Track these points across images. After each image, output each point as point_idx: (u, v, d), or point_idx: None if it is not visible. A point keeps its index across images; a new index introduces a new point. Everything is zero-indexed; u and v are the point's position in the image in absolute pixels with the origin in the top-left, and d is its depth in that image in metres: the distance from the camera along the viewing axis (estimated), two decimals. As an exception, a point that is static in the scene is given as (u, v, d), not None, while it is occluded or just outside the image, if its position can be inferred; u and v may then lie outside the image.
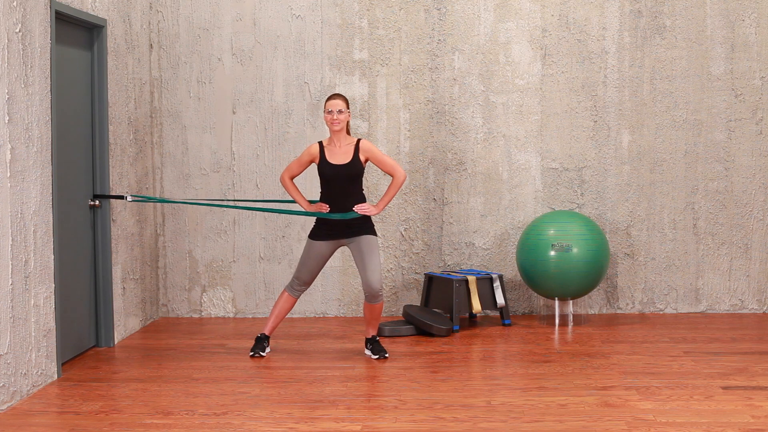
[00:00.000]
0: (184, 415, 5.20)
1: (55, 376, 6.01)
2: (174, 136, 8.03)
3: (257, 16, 7.96)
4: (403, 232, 7.98)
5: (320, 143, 6.44)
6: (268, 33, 7.96)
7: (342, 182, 6.35)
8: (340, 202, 6.37)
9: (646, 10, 7.81)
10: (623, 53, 7.84)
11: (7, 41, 5.44)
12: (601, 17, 7.83)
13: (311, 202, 6.62)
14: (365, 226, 6.40)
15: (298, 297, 6.66)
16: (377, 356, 6.45)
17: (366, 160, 6.40)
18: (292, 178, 6.54)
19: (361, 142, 6.40)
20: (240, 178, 7.99)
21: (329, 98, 6.37)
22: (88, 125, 6.82)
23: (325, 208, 6.38)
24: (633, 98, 7.85)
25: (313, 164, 6.54)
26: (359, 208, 6.35)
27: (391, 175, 6.45)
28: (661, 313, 7.92)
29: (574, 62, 7.86)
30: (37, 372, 5.77)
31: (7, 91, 5.43)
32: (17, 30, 5.56)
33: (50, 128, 5.98)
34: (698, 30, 7.79)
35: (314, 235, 6.47)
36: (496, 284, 7.50)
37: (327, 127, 7.91)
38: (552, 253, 7.28)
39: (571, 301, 7.58)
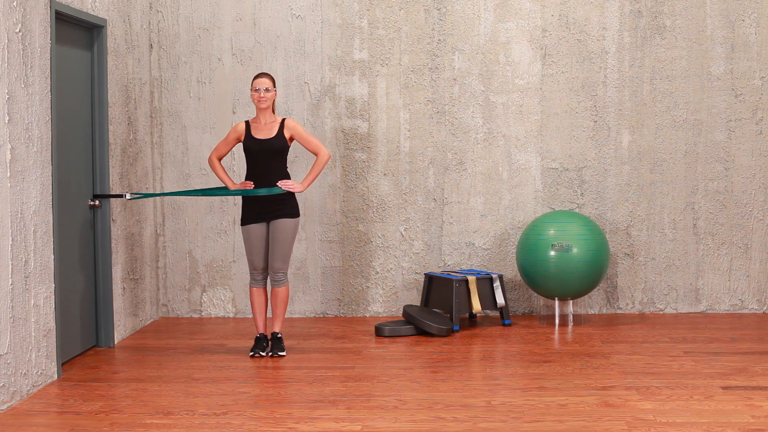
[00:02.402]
0: (184, 415, 5.20)
1: (55, 376, 6.01)
2: (174, 136, 8.03)
3: (257, 16, 7.96)
4: (403, 232, 7.98)
5: (246, 122, 6.63)
6: (268, 33, 7.96)
7: (266, 157, 6.51)
8: (265, 177, 6.53)
9: (646, 10, 7.81)
10: (623, 53, 7.84)
11: (7, 41, 5.44)
12: (601, 17, 7.83)
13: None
14: (289, 205, 6.55)
15: (265, 285, 6.72)
16: (272, 353, 6.56)
17: (291, 138, 6.58)
18: (219, 159, 6.73)
19: (286, 120, 6.60)
20: (240, 178, 7.99)
21: (256, 77, 6.55)
22: (88, 125, 6.82)
23: (249, 185, 6.55)
24: (633, 98, 7.85)
25: (240, 145, 6.71)
26: (283, 184, 6.51)
27: (315, 154, 6.64)
28: (661, 313, 7.92)
29: (574, 62, 7.86)
30: (37, 372, 5.77)
31: (7, 91, 5.43)
32: (17, 30, 5.56)
33: (50, 128, 5.98)
34: (698, 30, 7.79)
35: (244, 220, 6.63)
36: (496, 284, 7.50)
37: (328, 127, 7.91)
38: (552, 253, 7.28)
39: (571, 301, 7.58)
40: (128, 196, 6.80)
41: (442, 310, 7.50)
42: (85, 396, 5.63)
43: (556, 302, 7.53)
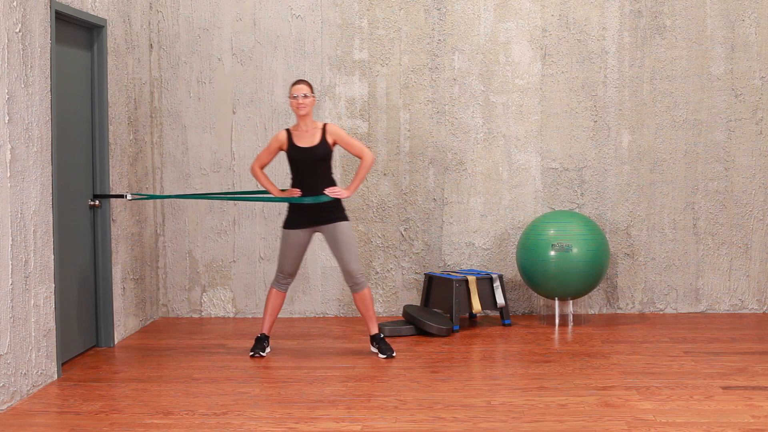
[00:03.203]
0: (184, 415, 5.20)
1: (55, 376, 6.01)
2: (174, 136, 8.04)
3: (257, 16, 7.96)
4: (403, 232, 7.98)
5: (287, 130, 6.54)
6: (268, 33, 7.96)
7: (311, 165, 6.43)
8: (311, 185, 6.45)
9: (646, 10, 7.81)
10: (623, 53, 7.84)
11: (7, 41, 5.44)
12: (601, 17, 7.83)
13: (283, 190, 6.67)
14: (337, 211, 6.47)
15: (286, 290, 6.68)
16: (385, 356, 6.45)
17: (333, 143, 6.50)
18: (262, 167, 6.65)
19: (327, 125, 6.51)
20: (240, 178, 7.99)
21: (294, 84, 6.47)
22: (88, 125, 6.83)
23: (296, 192, 6.47)
24: (633, 98, 7.85)
25: (282, 153, 6.61)
26: (330, 191, 6.43)
27: (360, 158, 6.55)
28: (661, 313, 7.92)
29: (574, 62, 7.86)
30: (37, 372, 5.77)
31: (7, 91, 5.43)
32: (17, 30, 5.56)
33: (50, 128, 5.98)
34: (698, 30, 7.79)
35: (288, 224, 6.53)
36: (496, 284, 7.50)
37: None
38: (552, 253, 7.28)
39: (571, 301, 7.58)
40: (129, 197, 6.79)
41: (442, 310, 7.50)
42: (85, 396, 5.63)
43: (556, 302, 7.53)
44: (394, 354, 6.46)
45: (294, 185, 6.51)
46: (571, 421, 4.98)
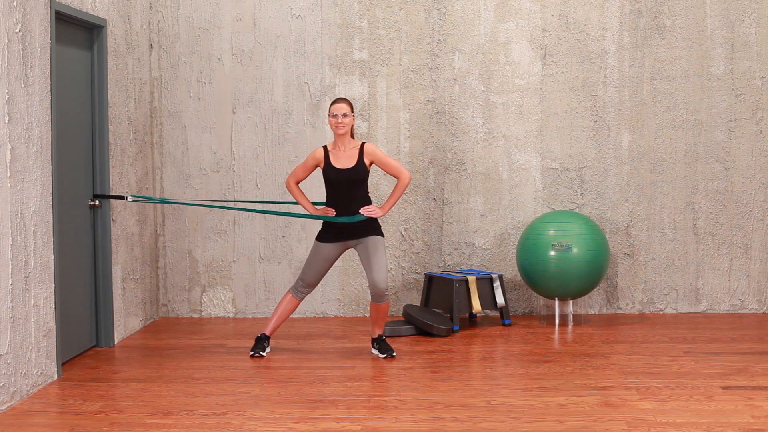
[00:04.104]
0: (184, 415, 5.20)
1: (55, 376, 6.01)
2: (174, 136, 8.03)
3: (257, 16, 7.96)
4: (403, 232, 7.98)
5: (325, 147, 6.45)
6: (268, 33, 7.96)
7: (347, 186, 6.36)
8: (346, 205, 6.39)
9: (646, 10, 7.81)
10: (623, 53, 7.84)
11: (7, 41, 5.44)
12: (601, 17, 7.83)
13: (315, 204, 6.62)
14: (371, 227, 6.42)
15: (302, 299, 6.67)
16: (384, 355, 6.45)
17: (371, 163, 6.42)
18: (297, 183, 6.55)
19: (365, 145, 6.41)
20: (240, 178, 7.99)
21: (334, 102, 6.38)
22: (88, 125, 6.83)
23: (331, 212, 6.41)
24: (633, 98, 7.85)
25: (318, 168, 6.54)
26: (365, 211, 6.37)
27: (396, 177, 6.48)
28: (661, 313, 7.92)
29: (574, 62, 7.86)
30: (37, 372, 5.77)
31: (7, 91, 5.43)
32: (17, 30, 5.56)
33: (50, 128, 5.98)
34: (698, 30, 7.79)
35: (322, 237, 6.48)
36: (496, 284, 7.50)
37: (329, 128, 7.91)
38: (552, 253, 7.28)
39: (571, 301, 7.58)
40: (129, 199, 6.79)
41: (442, 310, 7.50)
42: (85, 396, 5.63)
43: (556, 302, 7.53)
44: (394, 354, 6.46)
45: (329, 204, 6.44)
46: (571, 421, 4.98)
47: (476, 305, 7.39)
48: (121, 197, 6.82)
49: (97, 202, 6.84)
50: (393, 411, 5.21)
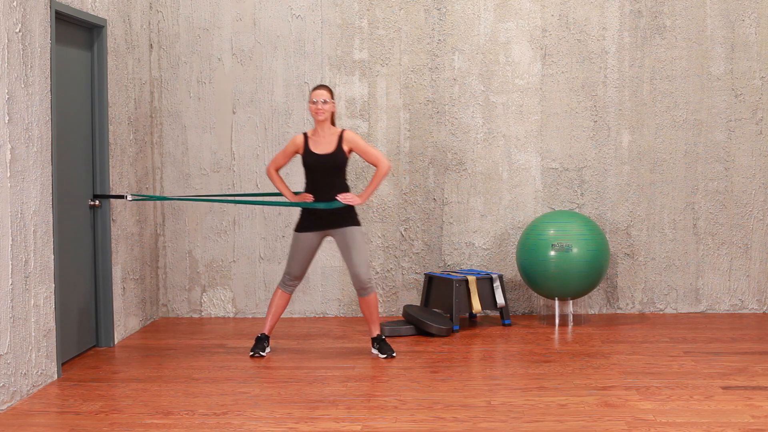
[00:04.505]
0: (184, 415, 5.20)
1: (55, 376, 6.01)
2: (174, 136, 8.03)
3: (257, 16, 7.96)
4: (403, 232, 7.98)
5: (305, 134, 6.53)
6: (268, 33, 7.96)
7: (325, 172, 6.42)
8: (324, 191, 6.44)
9: (646, 10, 7.81)
10: (623, 53, 7.84)
11: (7, 41, 5.44)
12: (601, 17, 7.83)
13: (296, 193, 6.66)
14: (349, 216, 6.46)
15: (292, 292, 6.68)
16: (385, 356, 6.45)
17: (350, 151, 6.48)
18: (277, 170, 6.63)
19: (345, 132, 6.48)
20: (240, 178, 7.99)
21: (314, 89, 6.46)
22: (88, 125, 6.82)
23: (309, 198, 6.46)
24: (633, 98, 7.85)
25: (298, 155, 6.61)
26: (343, 198, 6.42)
27: (375, 166, 6.53)
28: (661, 313, 7.92)
29: (574, 62, 7.86)
30: (37, 372, 5.77)
31: (7, 91, 5.43)
32: (17, 30, 5.56)
33: (50, 128, 5.98)
34: (698, 30, 7.79)
35: (300, 227, 6.53)
36: (496, 284, 7.50)
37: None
38: (552, 253, 7.28)
39: (571, 301, 7.58)
40: (129, 198, 6.79)
41: (442, 310, 7.50)
42: (85, 396, 5.63)
43: (556, 302, 7.53)
44: (394, 354, 6.46)
45: (307, 190, 6.49)
46: (571, 421, 4.98)
47: (476, 305, 7.39)
48: (121, 197, 6.82)
49: (97, 202, 6.84)
50: (393, 411, 5.21)
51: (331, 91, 6.47)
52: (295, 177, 7.61)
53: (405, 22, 7.90)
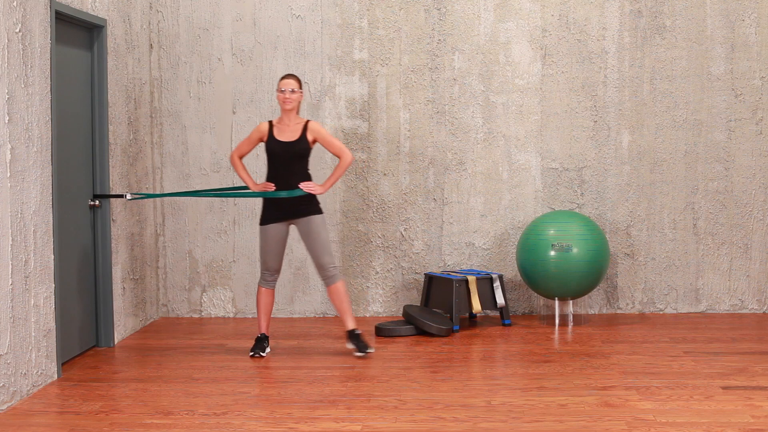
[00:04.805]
0: (184, 415, 5.20)
1: (55, 376, 6.01)
2: (174, 136, 8.04)
3: (257, 16, 7.96)
4: (403, 232, 7.98)
5: (270, 122, 6.59)
6: (268, 33, 7.96)
7: (288, 159, 6.47)
8: (286, 179, 6.50)
9: (646, 10, 7.81)
10: (623, 53, 7.84)
11: (7, 41, 5.44)
12: (601, 17, 7.83)
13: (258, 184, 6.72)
14: (311, 205, 6.52)
15: (274, 287, 6.69)
16: (362, 353, 6.47)
17: (314, 141, 6.54)
18: (241, 157, 6.69)
19: (310, 122, 6.54)
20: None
21: (282, 78, 6.51)
22: (88, 125, 6.83)
23: (270, 186, 6.51)
24: (633, 98, 7.85)
25: (262, 144, 6.68)
26: (305, 186, 6.47)
27: (338, 157, 6.58)
28: (661, 313, 7.92)
29: (574, 62, 7.86)
30: (37, 372, 5.77)
31: (7, 91, 5.43)
32: (17, 30, 5.56)
33: (50, 128, 5.98)
34: (698, 30, 7.79)
35: (264, 219, 6.58)
36: (496, 284, 7.50)
37: (328, 126, 7.91)
38: (552, 253, 7.28)
39: (571, 301, 7.58)
40: (129, 197, 6.79)
41: (442, 310, 7.50)
42: (85, 396, 5.63)
43: (556, 302, 7.53)
44: (371, 350, 6.47)
45: (269, 179, 6.55)
46: (571, 421, 4.98)
47: (476, 305, 7.39)
48: (121, 196, 6.82)
49: (97, 202, 6.84)
50: (393, 411, 5.21)
51: (299, 81, 6.52)
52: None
53: (405, 22, 7.90)
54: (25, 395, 5.61)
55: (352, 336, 6.55)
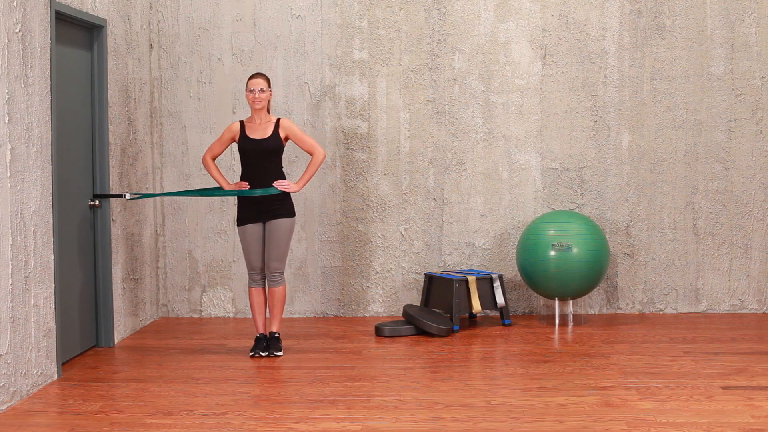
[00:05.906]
0: (184, 415, 5.20)
1: (55, 376, 6.01)
2: (174, 136, 8.04)
3: (257, 16, 7.96)
4: (403, 232, 7.98)
5: (241, 121, 6.62)
6: (268, 33, 7.96)
7: (261, 157, 6.50)
8: (259, 178, 6.53)
9: (646, 10, 7.81)
10: (623, 53, 7.84)
11: (7, 41, 5.44)
12: (601, 17, 7.83)
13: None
14: (285, 205, 6.54)
15: (264, 285, 6.70)
16: (266, 353, 6.55)
17: (286, 138, 6.57)
18: (213, 158, 6.72)
19: (281, 120, 6.58)
20: (240, 178, 7.98)
21: (251, 77, 6.53)
22: (87, 125, 6.83)
23: (245, 185, 6.54)
24: (633, 98, 7.85)
25: (234, 144, 6.71)
26: (279, 184, 6.50)
27: (311, 154, 6.62)
28: (661, 313, 7.92)
29: (574, 62, 7.86)
30: (37, 372, 5.77)
31: (7, 91, 5.43)
32: (17, 30, 5.56)
33: (50, 128, 5.98)
34: (698, 30, 7.79)
35: (240, 220, 6.62)
36: (496, 284, 7.50)
37: (329, 126, 7.91)
38: (552, 253, 7.28)
39: (571, 301, 7.58)
40: (128, 197, 6.80)
41: (442, 310, 7.50)
42: (85, 396, 5.63)
43: (556, 302, 7.53)
44: (277, 354, 6.54)
45: (243, 178, 6.59)
46: (571, 421, 4.98)
47: (476, 305, 7.39)
48: (120, 196, 6.82)
49: (97, 202, 6.84)
50: (393, 411, 5.21)
51: (268, 80, 6.56)
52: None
53: (405, 22, 7.90)
54: (25, 395, 5.61)
55: (272, 338, 6.64)
